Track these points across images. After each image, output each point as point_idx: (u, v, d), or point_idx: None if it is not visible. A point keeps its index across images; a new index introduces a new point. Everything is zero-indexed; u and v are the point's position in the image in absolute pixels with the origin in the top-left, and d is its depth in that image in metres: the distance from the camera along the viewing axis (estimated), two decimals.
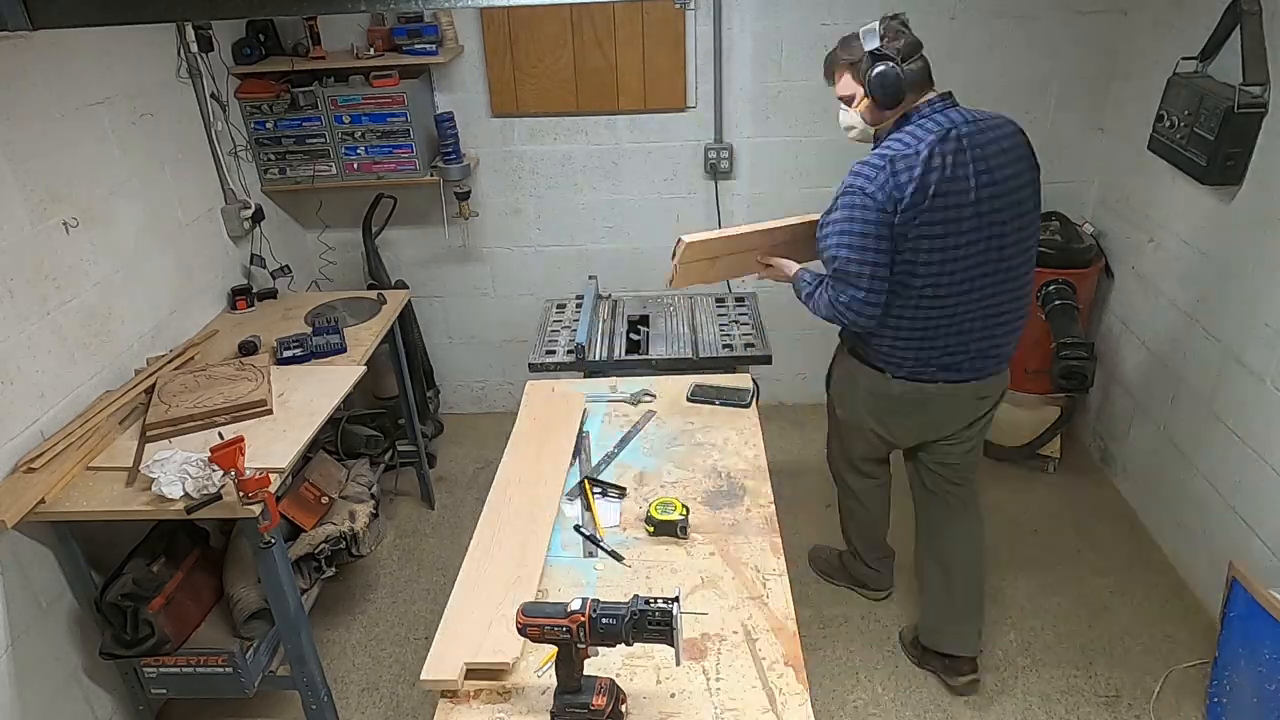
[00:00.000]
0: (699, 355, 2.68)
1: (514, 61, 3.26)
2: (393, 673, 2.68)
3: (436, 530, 3.31)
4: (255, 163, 3.28)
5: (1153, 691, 2.47)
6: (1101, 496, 3.27)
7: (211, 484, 1.95)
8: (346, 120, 3.19)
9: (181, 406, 2.27)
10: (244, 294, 3.02)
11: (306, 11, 3.00)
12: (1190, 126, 2.56)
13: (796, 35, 3.19)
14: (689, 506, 1.83)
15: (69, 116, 2.32)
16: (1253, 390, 2.46)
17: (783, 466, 3.18)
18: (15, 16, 1.55)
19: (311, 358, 2.61)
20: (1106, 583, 2.87)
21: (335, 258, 3.69)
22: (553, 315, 3.01)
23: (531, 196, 3.55)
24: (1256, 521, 2.45)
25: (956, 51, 3.17)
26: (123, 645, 2.17)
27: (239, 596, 2.29)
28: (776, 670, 1.47)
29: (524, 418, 2.21)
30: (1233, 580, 2.22)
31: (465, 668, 1.47)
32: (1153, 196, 2.99)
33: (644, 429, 2.18)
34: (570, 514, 1.89)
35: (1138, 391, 3.13)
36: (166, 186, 2.74)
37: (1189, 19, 2.71)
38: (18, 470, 2.08)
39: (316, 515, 2.59)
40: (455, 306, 3.81)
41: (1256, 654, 2.13)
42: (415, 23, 3.14)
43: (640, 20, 3.16)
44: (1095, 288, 3.29)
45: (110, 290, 2.46)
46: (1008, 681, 2.54)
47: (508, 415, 2.29)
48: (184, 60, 2.84)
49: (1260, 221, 2.43)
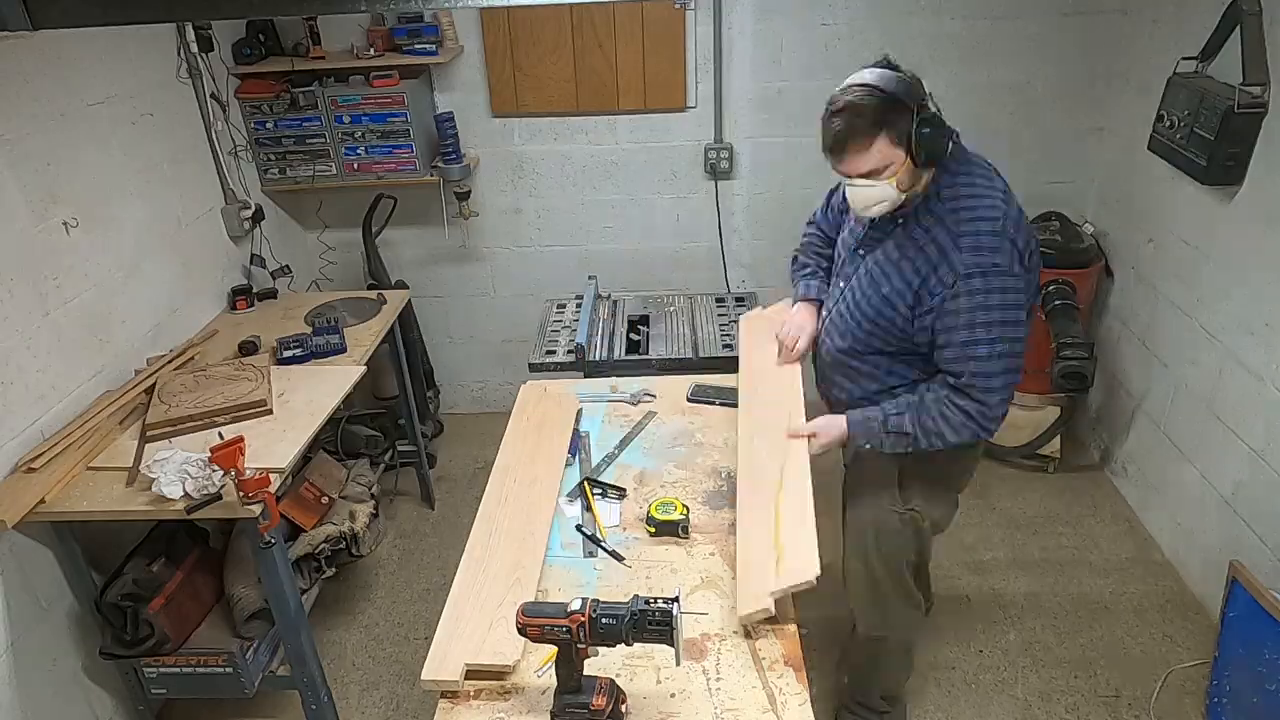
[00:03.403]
0: (699, 355, 2.68)
1: (514, 61, 3.26)
2: (393, 673, 2.67)
3: (436, 530, 3.31)
4: (255, 163, 3.28)
5: (1153, 691, 2.47)
6: (1101, 496, 3.27)
7: (211, 484, 1.95)
8: (346, 120, 3.19)
9: (181, 406, 2.27)
10: (244, 294, 3.02)
11: (306, 11, 3.01)
12: (1190, 126, 2.56)
13: (796, 35, 3.19)
14: (689, 506, 1.83)
15: (69, 116, 2.32)
16: (1253, 390, 2.46)
17: None
18: (15, 16, 1.55)
19: (311, 358, 2.61)
20: (1106, 583, 2.87)
21: (335, 258, 3.68)
22: (553, 315, 3.01)
23: (531, 196, 3.55)
24: (1256, 521, 2.45)
25: (956, 53, 3.17)
26: (123, 645, 2.17)
27: (239, 596, 2.29)
28: (776, 670, 1.47)
29: (517, 418, 2.20)
30: (1233, 580, 2.22)
31: (466, 668, 1.47)
32: (1153, 196, 2.99)
33: (644, 429, 2.18)
34: (571, 514, 1.89)
35: (1138, 391, 3.13)
36: (166, 186, 2.74)
37: (1189, 19, 2.71)
38: (18, 470, 2.08)
39: (316, 515, 2.59)
40: (455, 306, 3.81)
41: (1256, 654, 2.13)
42: (415, 23, 3.14)
43: (640, 20, 3.16)
44: (1095, 288, 3.29)
45: (110, 290, 2.46)
46: (1008, 681, 2.54)
47: (508, 415, 2.28)
48: (184, 60, 2.83)
49: (1260, 221, 2.43)
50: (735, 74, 3.28)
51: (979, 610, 2.78)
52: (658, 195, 3.53)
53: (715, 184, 3.48)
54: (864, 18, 3.13)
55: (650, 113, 3.36)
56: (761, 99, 3.32)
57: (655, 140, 3.42)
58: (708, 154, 3.41)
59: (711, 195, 3.50)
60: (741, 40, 3.22)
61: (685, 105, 3.34)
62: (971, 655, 2.62)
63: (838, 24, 3.14)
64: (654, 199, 3.54)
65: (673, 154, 3.45)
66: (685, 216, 3.56)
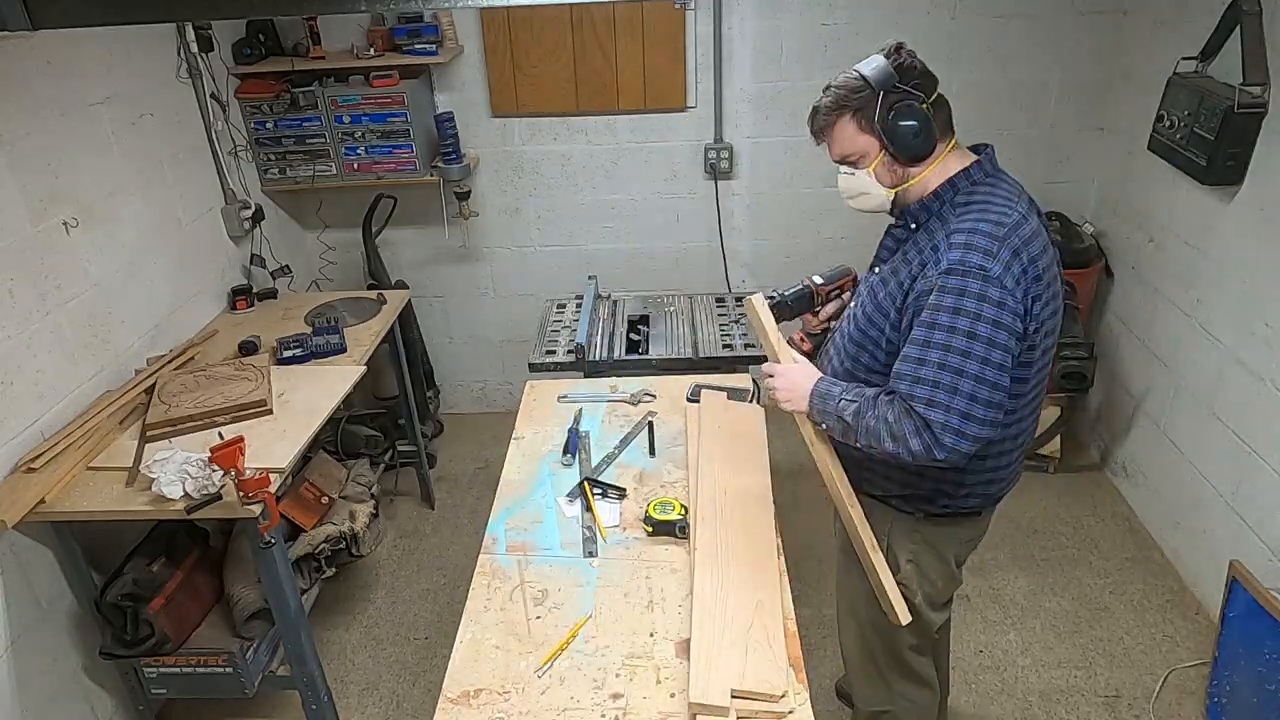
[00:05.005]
0: (699, 355, 2.68)
1: (514, 61, 3.26)
2: (393, 673, 2.67)
3: (436, 530, 3.31)
4: (255, 163, 3.28)
5: (1153, 691, 2.47)
6: (1101, 496, 3.27)
7: (211, 484, 1.95)
8: (346, 120, 3.19)
9: (181, 406, 2.27)
10: (244, 294, 3.02)
11: (306, 11, 3.00)
12: (1190, 126, 2.56)
13: (796, 35, 3.19)
14: (688, 506, 1.83)
15: (69, 116, 2.32)
16: (1253, 390, 2.46)
17: (782, 466, 3.17)
18: (15, 16, 1.55)
19: (311, 358, 2.61)
20: (1106, 583, 2.87)
21: (335, 258, 3.69)
22: (553, 315, 3.01)
23: (531, 196, 3.55)
24: (1256, 521, 2.45)
25: (957, 52, 3.17)
26: (123, 645, 2.17)
27: (239, 596, 2.29)
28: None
29: (695, 427, 2.06)
30: (1233, 580, 2.23)
31: (731, 693, 1.40)
32: (1153, 196, 2.99)
33: (644, 429, 2.18)
34: (570, 514, 1.89)
35: (1138, 391, 3.13)
36: (166, 186, 2.74)
37: (1189, 19, 2.71)
38: (18, 470, 2.08)
39: (316, 515, 2.59)
40: (455, 306, 3.81)
41: (1256, 654, 2.13)
42: (415, 23, 3.14)
43: (640, 20, 3.16)
44: (1095, 288, 3.29)
45: (110, 290, 2.46)
46: (1008, 681, 2.54)
47: (508, 415, 2.28)
48: (184, 60, 2.83)
49: (1260, 221, 2.43)
50: (735, 74, 3.28)
51: (979, 610, 2.78)
52: (658, 195, 3.53)
53: (715, 184, 3.48)
54: (863, 17, 3.13)
55: (650, 113, 3.36)
56: (761, 99, 3.32)
57: (655, 140, 3.42)
58: (708, 154, 3.41)
59: (711, 195, 3.50)
60: (741, 40, 3.22)
61: (685, 105, 3.34)
62: (971, 655, 2.62)
63: (838, 24, 3.14)
64: (654, 199, 3.54)
65: (673, 154, 3.45)
66: (685, 216, 3.56)
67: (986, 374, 1.41)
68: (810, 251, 3.54)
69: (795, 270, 2.17)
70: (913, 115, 1.48)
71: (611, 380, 2.44)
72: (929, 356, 1.43)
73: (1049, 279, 1.48)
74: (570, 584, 1.69)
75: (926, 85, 1.50)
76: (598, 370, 2.65)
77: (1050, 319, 1.50)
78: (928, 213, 1.55)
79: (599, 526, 1.83)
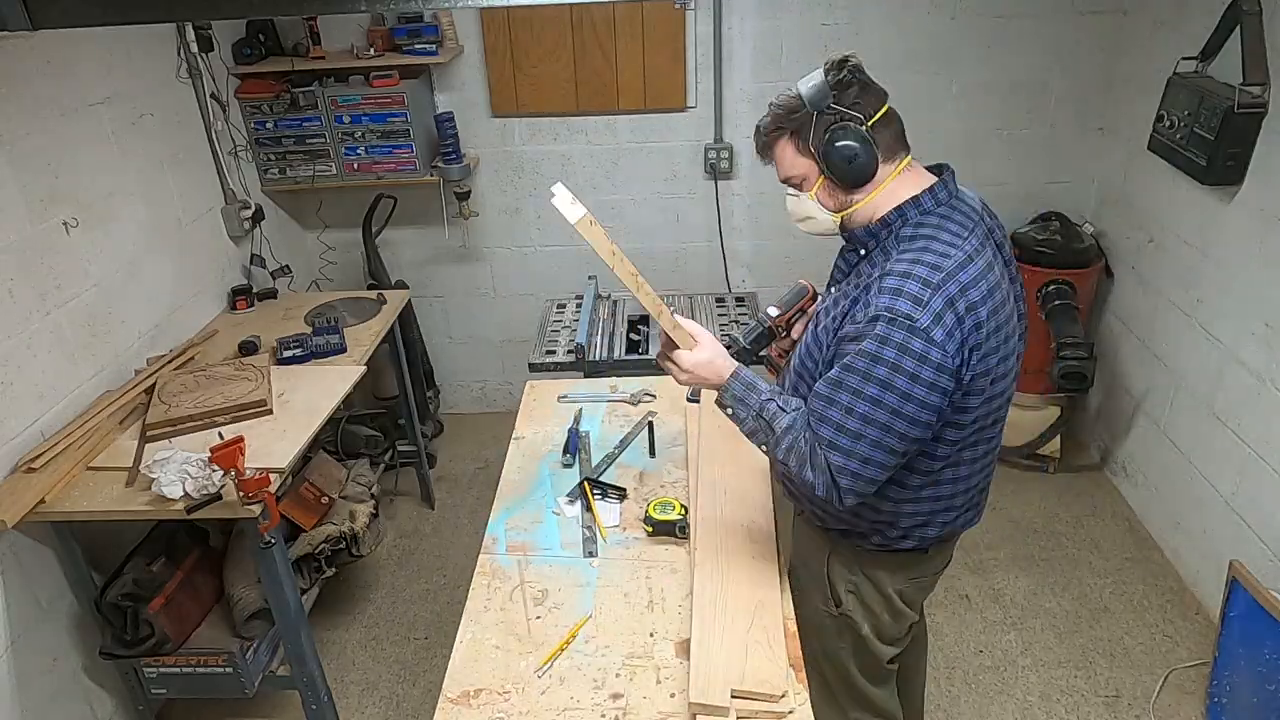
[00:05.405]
0: None
1: (514, 61, 3.26)
2: (393, 673, 2.67)
3: (436, 530, 3.31)
4: (255, 163, 3.28)
5: (1153, 691, 2.47)
6: (1101, 496, 3.27)
7: (211, 484, 1.95)
8: (346, 120, 3.19)
9: (181, 406, 2.27)
10: (244, 294, 3.02)
11: (306, 11, 3.00)
12: (1190, 126, 2.56)
13: (796, 35, 3.19)
14: (688, 506, 1.83)
15: (69, 116, 2.32)
16: (1253, 390, 2.46)
17: None
18: (15, 16, 1.55)
19: (311, 358, 2.61)
20: (1106, 583, 2.87)
21: (335, 258, 3.69)
22: (553, 315, 3.01)
23: (531, 196, 3.54)
24: (1256, 521, 2.45)
25: (957, 52, 3.16)
26: (123, 645, 2.17)
27: (239, 596, 2.29)
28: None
29: (695, 427, 2.06)
30: (1233, 580, 2.23)
31: (731, 692, 1.40)
32: (1153, 196, 2.99)
33: (644, 429, 2.17)
34: (570, 514, 1.89)
35: (1138, 391, 3.13)
36: (166, 186, 2.74)
37: (1189, 19, 2.71)
38: (18, 470, 2.08)
39: (316, 515, 2.59)
40: (455, 306, 3.81)
41: (1256, 654, 2.13)
42: (415, 23, 3.14)
43: (640, 20, 3.16)
44: (1095, 288, 3.29)
45: (110, 290, 2.46)
46: (1008, 681, 2.54)
47: (508, 415, 2.28)
48: (184, 60, 2.83)
49: (1260, 221, 2.43)
50: (735, 74, 3.28)
51: (979, 610, 2.78)
52: (658, 195, 3.53)
53: (715, 184, 3.47)
54: (863, 17, 3.13)
55: (650, 113, 3.36)
56: (761, 99, 3.29)
57: (655, 140, 3.42)
58: (707, 154, 3.41)
59: (711, 195, 3.50)
60: (741, 40, 3.22)
61: (685, 105, 3.34)
62: (971, 655, 2.62)
63: (838, 24, 3.14)
64: (654, 199, 3.54)
65: (673, 154, 3.45)
66: (685, 216, 3.56)
67: (895, 424, 1.36)
68: (810, 251, 3.52)
69: (795, 270, 2.17)
70: (848, 136, 1.38)
71: (611, 380, 2.44)
72: (838, 398, 1.38)
73: (997, 323, 1.37)
74: (570, 584, 1.69)
75: (868, 104, 1.40)
76: (598, 370, 2.65)
77: (1000, 364, 1.40)
78: (875, 240, 1.47)
79: (599, 526, 1.83)
